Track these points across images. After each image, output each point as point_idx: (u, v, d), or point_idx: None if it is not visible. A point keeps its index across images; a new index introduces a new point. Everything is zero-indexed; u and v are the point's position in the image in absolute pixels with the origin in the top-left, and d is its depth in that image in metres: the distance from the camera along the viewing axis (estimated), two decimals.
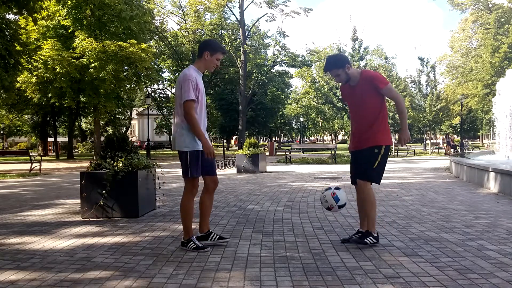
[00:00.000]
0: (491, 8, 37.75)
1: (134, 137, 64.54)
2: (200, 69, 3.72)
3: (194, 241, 3.65)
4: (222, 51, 3.76)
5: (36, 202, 6.95)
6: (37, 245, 3.93)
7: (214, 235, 3.83)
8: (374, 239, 3.68)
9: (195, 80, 3.56)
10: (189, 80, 3.51)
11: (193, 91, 3.52)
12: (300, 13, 35.62)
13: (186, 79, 3.52)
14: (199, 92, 3.60)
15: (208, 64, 3.72)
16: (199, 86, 3.59)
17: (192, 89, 3.51)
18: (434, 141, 44.01)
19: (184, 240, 3.70)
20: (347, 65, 3.75)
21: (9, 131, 49.19)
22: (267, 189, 8.22)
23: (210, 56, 3.68)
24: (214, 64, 3.73)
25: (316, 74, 35.94)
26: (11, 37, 14.98)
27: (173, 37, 34.68)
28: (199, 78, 3.65)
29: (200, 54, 3.71)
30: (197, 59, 3.75)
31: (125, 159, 5.24)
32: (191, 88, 3.50)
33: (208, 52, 3.67)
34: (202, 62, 3.71)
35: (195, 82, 3.55)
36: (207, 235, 3.81)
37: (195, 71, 3.65)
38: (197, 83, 3.58)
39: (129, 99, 34.28)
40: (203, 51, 3.69)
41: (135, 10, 22.89)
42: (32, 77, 21.81)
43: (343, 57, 3.95)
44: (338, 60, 3.82)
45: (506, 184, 6.96)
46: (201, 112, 3.66)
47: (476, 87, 36.91)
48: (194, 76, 3.57)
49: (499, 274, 2.89)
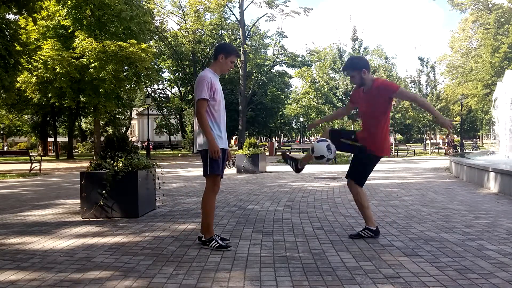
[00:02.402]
0: (491, 8, 37.77)
1: (134, 137, 64.53)
2: (216, 71, 3.85)
3: (216, 240, 3.68)
4: (236, 54, 3.91)
5: (36, 202, 6.95)
6: (37, 245, 3.93)
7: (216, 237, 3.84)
8: (371, 233, 3.93)
9: (210, 80, 3.68)
10: (204, 81, 3.64)
11: (207, 91, 3.63)
12: (300, 13, 35.57)
13: (201, 79, 3.66)
14: (216, 92, 3.71)
15: (223, 67, 3.86)
16: (215, 86, 3.71)
17: (206, 89, 3.63)
18: (434, 141, 43.98)
19: (206, 239, 3.71)
20: (364, 70, 3.81)
21: (9, 131, 49.17)
22: (267, 189, 8.22)
23: (224, 59, 3.81)
24: (228, 66, 3.88)
25: (316, 74, 35.86)
26: (11, 37, 14.97)
27: (173, 37, 34.65)
28: (215, 79, 3.78)
29: (215, 57, 3.86)
30: (213, 62, 3.90)
31: (125, 159, 5.24)
32: (205, 88, 3.62)
33: (223, 55, 3.80)
34: (217, 65, 3.84)
35: (210, 83, 3.65)
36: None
37: (211, 73, 3.78)
38: (213, 83, 3.69)
39: (129, 99, 34.26)
40: (218, 54, 3.83)
41: (135, 10, 22.90)
42: (32, 77, 21.82)
43: (362, 60, 3.94)
44: (357, 62, 3.91)
45: (506, 184, 6.96)
46: (219, 110, 3.77)
47: (476, 87, 36.93)
48: (210, 77, 3.69)
49: (499, 274, 2.89)
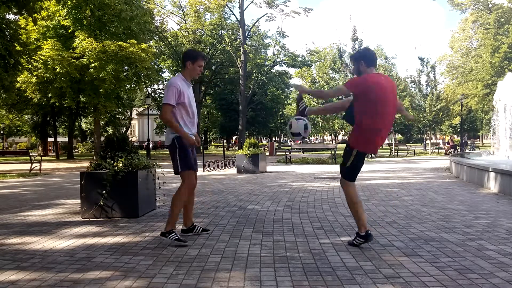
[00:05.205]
0: (491, 8, 37.71)
1: (134, 137, 64.52)
2: (186, 77, 4.04)
3: (176, 233, 3.85)
4: (202, 57, 4.07)
5: (36, 202, 6.94)
6: (37, 245, 3.93)
7: (197, 228, 4.24)
8: (361, 238, 3.64)
9: (179, 87, 3.84)
10: (172, 87, 3.83)
11: (173, 97, 3.80)
12: (300, 13, 35.58)
13: (170, 86, 3.86)
14: (185, 97, 3.87)
15: (192, 72, 4.04)
16: (184, 92, 3.86)
17: (172, 95, 3.80)
18: (434, 141, 43.99)
19: (166, 231, 3.87)
20: (362, 61, 3.76)
21: (9, 131, 49.16)
22: (267, 189, 8.22)
23: (192, 65, 4.00)
24: (198, 71, 4.06)
25: (316, 74, 35.87)
26: (11, 37, 14.95)
27: (173, 37, 34.60)
28: (185, 85, 3.95)
29: (183, 64, 4.04)
30: (182, 70, 4.07)
31: (125, 159, 5.24)
32: (172, 94, 3.80)
33: (190, 62, 4.01)
34: (187, 72, 4.03)
35: (179, 90, 3.83)
36: (191, 228, 4.20)
37: (181, 80, 3.95)
38: (181, 91, 3.85)
39: (129, 99, 34.26)
40: (185, 61, 4.02)
41: (135, 10, 22.88)
42: (32, 77, 21.81)
43: (365, 53, 3.88)
44: (359, 54, 3.88)
45: (506, 184, 6.96)
46: (188, 113, 3.94)
47: (476, 87, 36.88)
48: (178, 84, 3.86)
49: (499, 274, 2.89)
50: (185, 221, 4.20)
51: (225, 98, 44.33)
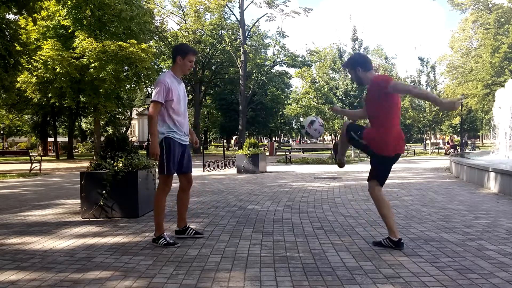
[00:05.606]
0: (491, 8, 37.71)
1: (134, 137, 64.50)
2: (177, 73, 3.93)
3: (165, 238, 3.81)
4: (193, 52, 3.96)
5: (36, 202, 6.94)
6: (37, 245, 3.93)
7: (190, 230, 4.12)
8: (390, 243, 3.58)
9: (168, 84, 3.74)
10: (160, 84, 3.73)
11: (162, 94, 3.71)
12: (300, 13, 35.56)
13: (158, 83, 3.75)
14: (174, 95, 3.77)
15: (183, 68, 3.93)
16: (172, 89, 3.77)
17: (161, 92, 3.71)
18: (434, 141, 43.97)
19: (156, 237, 3.85)
20: (358, 68, 3.71)
21: (9, 131, 49.15)
22: (267, 189, 8.22)
23: (182, 60, 3.89)
24: (188, 66, 3.94)
25: (316, 74, 35.85)
26: (11, 37, 14.95)
27: (173, 37, 34.58)
28: (175, 81, 3.85)
29: (173, 59, 3.94)
30: (173, 65, 3.96)
31: (125, 159, 5.24)
32: (160, 91, 3.71)
33: (180, 57, 3.88)
34: (177, 67, 3.92)
35: (167, 87, 3.73)
36: (184, 230, 4.10)
37: (171, 76, 3.85)
38: (170, 88, 3.75)
39: (129, 99, 34.23)
40: (175, 56, 3.92)
41: (135, 10, 22.89)
42: (32, 77, 21.80)
43: (358, 59, 3.81)
44: (352, 61, 3.81)
45: (506, 184, 6.96)
46: (178, 109, 3.83)
47: (476, 87, 36.86)
48: (167, 81, 3.76)
49: (499, 274, 2.89)
50: (179, 221, 4.14)
51: (225, 98, 44.33)
